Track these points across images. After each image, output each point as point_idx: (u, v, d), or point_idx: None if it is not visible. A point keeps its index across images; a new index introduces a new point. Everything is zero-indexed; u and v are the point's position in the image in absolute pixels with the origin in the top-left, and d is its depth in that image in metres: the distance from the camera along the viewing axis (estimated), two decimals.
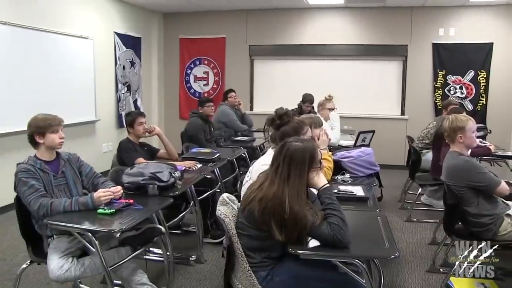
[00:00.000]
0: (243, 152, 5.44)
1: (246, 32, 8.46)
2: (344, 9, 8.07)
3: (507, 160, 5.45)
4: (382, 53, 8.08)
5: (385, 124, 7.89)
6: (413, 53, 7.95)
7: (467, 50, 7.72)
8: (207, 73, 8.80)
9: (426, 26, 7.85)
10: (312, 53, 8.30)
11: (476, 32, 7.67)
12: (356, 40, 8.09)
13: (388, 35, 7.96)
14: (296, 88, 7.57)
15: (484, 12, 7.64)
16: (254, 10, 8.32)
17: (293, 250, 2.17)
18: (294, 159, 2.25)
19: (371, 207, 3.03)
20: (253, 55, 8.59)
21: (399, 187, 6.07)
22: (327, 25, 8.20)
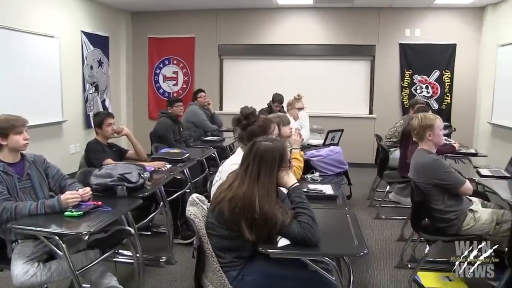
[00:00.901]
0: (213, 152, 5.43)
1: (216, 32, 8.44)
2: (313, 9, 8.14)
3: (470, 157, 5.59)
4: (351, 53, 8.19)
5: (354, 123, 8.00)
6: (380, 53, 8.09)
7: (432, 51, 7.91)
8: (176, 73, 8.73)
9: (393, 27, 7.99)
10: (282, 53, 8.34)
11: (440, 33, 7.87)
12: (325, 40, 8.18)
13: (356, 35, 8.07)
14: (265, 88, 7.59)
15: (448, 14, 7.84)
16: (224, 9, 8.30)
17: (264, 250, 2.18)
18: (264, 158, 2.26)
19: (340, 205, 3.07)
20: (222, 55, 8.57)
21: (368, 185, 6.16)
22: (296, 25, 8.25)
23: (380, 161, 5.51)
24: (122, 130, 4.41)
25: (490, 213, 3.33)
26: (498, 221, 3.26)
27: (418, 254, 3.89)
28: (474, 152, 5.69)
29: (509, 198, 3.38)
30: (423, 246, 3.52)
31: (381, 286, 3.53)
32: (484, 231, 3.28)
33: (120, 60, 8.53)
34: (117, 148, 4.40)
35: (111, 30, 8.07)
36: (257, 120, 3.05)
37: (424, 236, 3.45)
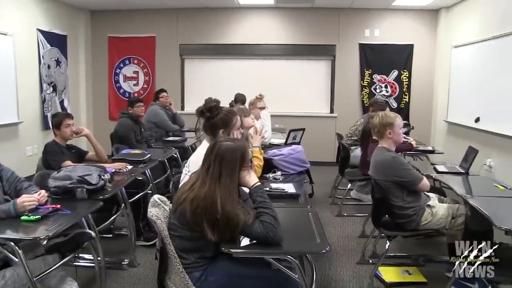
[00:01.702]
0: (175, 153, 5.39)
1: (177, 31, 8.37)
2: (274, 9, 8.19)
3: (428, 154, 5.75)
4: (311, 52, 8.29)
5: (315, 122, 8.11)
6: (341, 53, 8.22)
7: (391, 51, 8.10)
8: (137, 73, 8.61)
9: (353, 27, 8.14)
10: (243, 52, 8.36)
11: (398, 34, 8.09)
12: (286, 40, 8.24)
13: (317, 35, 8.17)
14: (227, 88, 7.58)
15: (405, 15, 8.05)
16: (185, 9, 8.24)
17: (226, 249, 2.18)
18: (225, 158, 2.26)
19: (302, 204, 3.09)
20: (183, 55, 8.51)
21: (330, 183, 6.24)
22: (258, 25, 8.29)
23: (341, 160, 5.60)
24: (82, 131, 4.31)
25: (446, 208, 3.45)
26: (453, 215, 3.37)
27: (379, 250, 3.98)
28: (431, 150, 5.86)
29: (464, 193, 3.51)
30: (383, 242, 3.59)
31: (344, 282, 3.59)
32: (441, 225, 3.40)
33: (79, 60, 8.33)
34: (77, 149, 4.30)
35: (69, 28, 7.87)
36: (219, 113, 3.05)
37: (384, 232, 3.53)
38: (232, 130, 3.05)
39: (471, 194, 3.59)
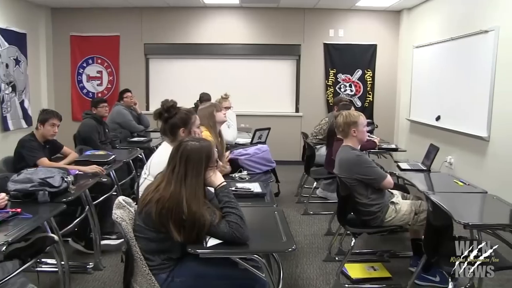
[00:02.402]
0: (140, 153, 5.32)
1: (141, 30, 8.25)
2: (239, 9, 8.19)
3: (391, 152, 5.87)
4: (277, 52, 8.33)
5: (281, 121, 8.16)
6: (306, 53, 8.29)
7: (355, 51, 8.23)
8: (100, 73, 8.45)
9: (318, 27, 8.22)
10: (209, 52, 8.33)
11: (362, 34, 8.22)
12: (252, 39, 8.25)
13: (282, 35, 8.22)
14: (192, 87, 7.54)
15: (369, 16, 8.19)
16: (149, 8, 8.14)
17: (193, 250, 2.17)
18: (191, 158, 2.25)
19: (268, 203, 3.11)
20: (148, 54, 8.41)
21: (296, 182, 6.29)
22: (223, 24, 8.27)
23: (306, 158, 5.65)
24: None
25: (409, 204, 3.53)
26: (416, 211, 3.46)
27: (345, 247, 4.04)
28: (394, 148, 5.99)
29: (426, 189, 3.60)
30: (349, 239, 3.65)
31: (311, 279, 3.62)
32: (405, 221, 3.47)
33: (39, 59, 8.10)
34: (51, 144, 4.24)
35: (29, 26, 7.63)
36: (178, 113, 3.03)
37: (350, 229, 3.58)
38: (192, 129, 3.03)
39: (433, 190, 3.71)
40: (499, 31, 5.06)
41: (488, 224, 3.03)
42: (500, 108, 4.99)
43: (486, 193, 3.55)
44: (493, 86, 5.11)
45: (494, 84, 5.10)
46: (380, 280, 3.59)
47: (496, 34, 5.09)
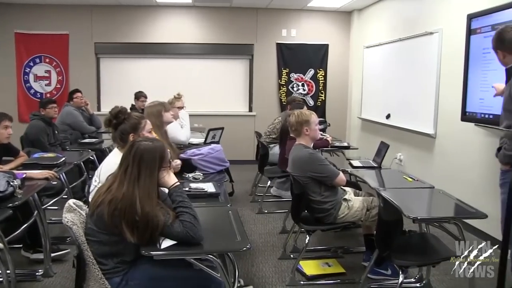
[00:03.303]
0: (91, 155, 5.18)
1: (91, 29, 8.04)
2: (192, 8, 8.12)
3: (344, 150, 5.98)
4: (230, 52, 8.33)
5: (234, 121, 8.16)
6: (259, 52, 8.33)
7: (307, 50, 8.34)
8: (49, 72, 8.16)
9: (270, 27, 8.28)
10: (162, 51, 8.21)
11: (314, 34, 8.34)
12: (205, 39, 8.21)
13: (235, 34, 8.22)
14: (145, 87, 7.40)
15: (320, 16, 8.33)
16: (99, 6, 7.93)
17: (146, 252, 2.14)
18: (144, 159, 2.22)
19: (222, 203, 3.11)
20: (99, 53, 8.20)
21: (250, 181, 6.30)
22: (176, 24, 8.19)
23: (260, 157, 5.67)
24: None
25: (362, 200, 3.61)
26: (368, 207, 3.55)
27: (300, 244, 4.08)
28: (346, 145, 6.09)
29: (377, 186, 3.69)
30: (304, 237, 3.68)
31: (266, 278, 3.63)
32: (357, 217, 3.55)
33: None
34: (4, 148, 4.06)
35: None
36: (127, 118, 2.99)
37: (304, 227, 3.62)
38: (141, 133, 2.99)
39: (384, 186, 3.80)
40: (442, 33, 5.26)
41: (435, 217, 3.16)
42: (445, 106, 5.19)
43: (433, 188, 3.68)
44: (439, 85, 5.32)
45: (440, 83, 5.31)
46: (335, 276, 3.64)
47: (440, 35, 5.30)
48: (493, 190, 3.09)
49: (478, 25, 4.34)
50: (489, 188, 4.23)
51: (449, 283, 3.55)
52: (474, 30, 4.40)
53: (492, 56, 3.62)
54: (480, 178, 4.54)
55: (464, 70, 4.55)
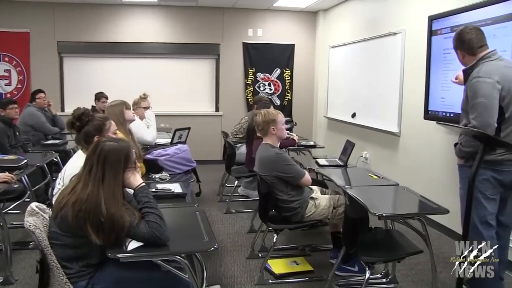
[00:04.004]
0: (55, 157, 5.05)
1: (54, 27, 7.82)
2: (158, 7, 8.03)
3: (310, 149, 6.03)
4: (196, 51, 8.28)
5: (201, 121, 8.13)
6: (225, 52, 8.30)
7: (274, 50, 8.37)
8: (8, 72, 7.90)
9: (237, 27, 8.27)
10: (127, 51, 8.08)
11: (280, 33, 8.38)
12: (171, 38, 8.13)
13: (201, 34, 8.17)
14: (110, 87, 7.29)
15: (286, 16, 8.37)
16: (62, 3, 7.73)
17: (112, 255, 2.11)
18: (109, 159, 2.19)
19: (189, 203, 3.10)
20: (62, 53, 8.00)
21: (217, 181, 6.28)
22: (141, 23, 8.06)
23: (227, 157, 5.66)
24: None
25: (328, 199, 3.65)
26: (335, 205, 3.59)
27: (268, 244, 4.09)
28: (313, 144, 6.14)
29: (343, 184, 3.73)
30: (271, 236, 3.69)
31: (235, 277, 3.63)
32: (324, 215, 3.59)
33: None
34: None
35: None
36: (91, 120, 2.92)
37: (271, 226, 3.63)
38: (106, 135, 2.94)
39: (350, 184, 3.86)
40: (405, 33, 5.38)
41: (400, 214, 3.23)
42: (409, 105, 5.31)
43: (397, 185, 3.75)
44: (402, 85, 5.43)
45: (403, 82, 5.42)
46: (303, 274, 3.67)
47: (403, 36, 5.41)
48: (455, 186, 3.18)
49: (439, 27, 4.46)
50: (450, 184, 4.35)
51: (413, 277, 3.64)
52: (435, 31, 4.52)
53: (452, 57, 3.75)
54: (442, 174, 4.66)
55: (426, 70, 4.66)
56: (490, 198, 2.92)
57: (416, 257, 3.28)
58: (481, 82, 2.77)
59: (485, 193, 2.90)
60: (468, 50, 2.94)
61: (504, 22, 3.59)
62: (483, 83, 2.76)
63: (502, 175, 2.88)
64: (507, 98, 2.78)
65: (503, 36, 3.55)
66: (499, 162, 2.84)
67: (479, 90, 2.76)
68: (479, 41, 2.91)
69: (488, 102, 2.74)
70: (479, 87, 2.77)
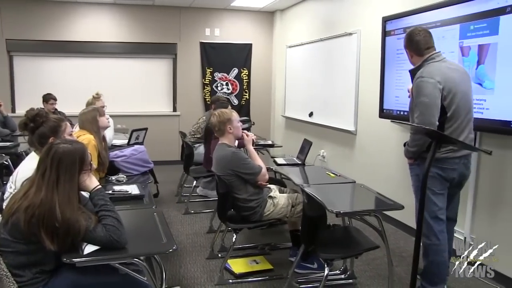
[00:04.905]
0: (6, 160, 4.88)
1: (1, 24, 7.52)
2: (113, 6, 7.87)
3: (268, 148, 6.07)
4: (153, 51, 8.17)
5: (158, 121, 8.05)
6: (182, 52, 8.24)
7: (231, 49, 8.37)
8: None
9: (194, 26, 8.22)
10: (82, 50, 7.87)
11: (238, 33, 8.39)
12: (127, 37, 7.99)
13: (158, 33, 8.08)
14: (65, 88, 7.10)
15: (244, 16, 8.39)
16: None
17: (68, 259, 2.05)
18: (63, 162, 2.12)
19: (147, 205, 3.06)
20: (12, 51, 7.69)
21: (175, 182, 6.24)
22: (97, 21, 7.87)
23: (185, 157, 5.62)
24: None
25: (286, 197, 3.68)
26: (293, 204, 3.62)
27: (227, 243, 4.09)
28: (271, 144, 6.19)
29: (301, 182, 3.78)
30: (231, 235, 3.70)
31: (195, 278, 3.61)
32: (283, 214, 3.62)
33: None
34: None
35: None
36: (46, 121, 2.83)
37: (230, 225, 3.63)
38: (62, 137, 2.86)
39: (308, 183, 3.90)
40: (361, 34, 5.49)
41: (357, 211, 3.28)
42: (365, 104, 5.42)
43: (354, 182, 3.83)
44: (358, 84, 5.55)
45: (359, 81, 5.53)
46: (263, 273, 3.68)
47: (358, 36, 5.52)
48: (409, 182, 3.28)
49: (392, 27, 4.59)
50: (405, 181, 4.46)
51: (371, 272, 3.73)
52: (389, 32, 4.64)
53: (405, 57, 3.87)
54: (397, 171, 4.79)
55: (380, 69, 4.78)
56: (438, 193, 3.03)
57: (373, 252, 3.36)
58: (424, 82, 2.89)
59: (433, 189, 3.01)
60: (416, 50, 3.07)
61: (452, 24, 3.75)
62: (426, 83, 2.89)
63: (445, 172, 3.00)
64: (448, 98, 2.91)
65: (451, 38, 3.70)
66: (442, 160, 2.96)
67: (422, 90, 2.89)
68: (426, 43, 3.04)
69: (430, 101, 2.86)
70: (421, 87, 2.90)
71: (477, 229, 3.78)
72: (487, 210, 3.69)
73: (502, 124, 3.31)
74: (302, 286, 3.43)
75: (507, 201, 3.49)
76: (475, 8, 3.53)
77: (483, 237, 3.65)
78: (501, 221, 3.54)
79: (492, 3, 3.36)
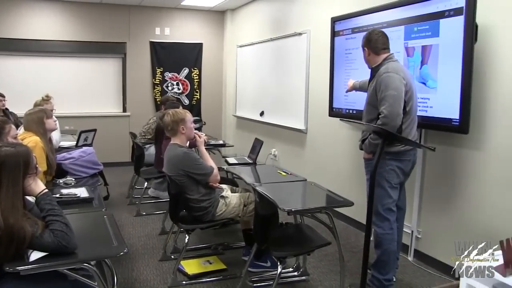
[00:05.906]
0: None
1: None
2: (59, 3, 7.61)
3: (220, 148, 6.07)
4: (101, 50, 7.98)
5: (107, 122, 7.87)
6: (132, 51, 8.10)
7: (182, 49, 8.30)
8: None
9: (144, 25, 8.09)
10: (26, 49, 7.55)
11: (188, 32, 8.34)
12: (74, 36, 7.75)
13: (106, 32, 7.90)
14: (7, 87, 6.78)
15: (194, 15, 8.34)
16: None
17: (11, 269, 1.95)
18: (6, 166, 2.04)
19: (97, 207, 3.00)
20: None
21: (126, 183, 6.14)
22: (42, 19, 7.58)
23: (136, 158, 5.53)
24: None
25: (238, 196, 3.70)
26: (245, 203, 3.64)
27: (180, 245, 4.07)
28: (222, 143, 6.19)
29: (253, 181, 3.81)
30: (183, 236, 3.68)
31: (148, 281, 3.56)
32: (235, 213, 3.63)
33: None
34: None
35: None
36: None
37: (183, 226, 3.61)
38: (5, 138, 2.76)
39: (259, 182, 3.94)
40: (310, 34, 5.59)
41: (308, 208, 3.33)
42: (315, 103, 5.52)
43: (305, 180, 3.90)
44: (308, 83, 5.64)
45: (309, 81, 5.63)
46: (216, 273, 3.68)
47: (308, 36, 5.62)
48: (359, 179, 3.38)
49: (341, 28, 4.69)
50: (355, 178, 4.60)
51: (323, 268, 3.80)
52: (338, 32, 4.74)
53: (354, 56, 4.00)
54: (346, 168, 4.91)
55: (330, 69, 4.88)
56: (394, 187, 3.21)
57: (325, 248, 3.44)
58: (391, 76, 3.04)
59: (391, 182, 3.17)
60: (373, 49, 3.24)
61: (397, 26, 3.88)
62: (393, 77, 3.04)
63: (404, 164, 3.19)
64: (408, 93, 3.09)
65: (397, 39, 3.82)
66: (402, 152, 3.15)
67: (390, 84, 3.03)
68: (383, 44, 3.24)
69: (398, 94, 3.01)
70: (390, 81, 3.03)
71: (423, 223, 3.93)
72: (432, 204, 3.85)
73: (445, 121, 3.46)
74: (256, 285, 3.45)
75: (450, 195, 3.65)
76: (417, 11, 3.68)
77: (430, 230, 3.83)
78: (444, 214, 3.70)
79: (432, 7, 3.53)
